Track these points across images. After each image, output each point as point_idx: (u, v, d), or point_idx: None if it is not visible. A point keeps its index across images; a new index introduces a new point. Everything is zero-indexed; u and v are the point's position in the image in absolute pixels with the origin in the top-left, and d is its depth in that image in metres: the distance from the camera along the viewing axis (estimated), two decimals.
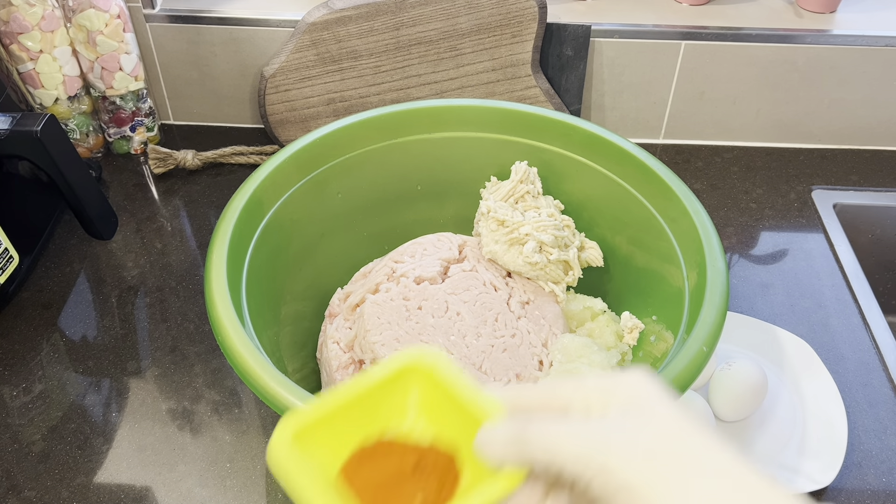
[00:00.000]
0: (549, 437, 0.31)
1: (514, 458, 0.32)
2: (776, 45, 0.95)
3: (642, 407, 0.31)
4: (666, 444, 0.30)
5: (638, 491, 0.29)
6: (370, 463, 0.37)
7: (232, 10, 0.97)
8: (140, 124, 0.99)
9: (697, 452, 0.30)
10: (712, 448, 0.30)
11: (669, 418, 0.31)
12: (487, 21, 0.92)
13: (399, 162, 0.74)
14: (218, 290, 0.56)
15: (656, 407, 0.31)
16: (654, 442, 0.30)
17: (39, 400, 0.72)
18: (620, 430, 0.31)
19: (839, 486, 0.65)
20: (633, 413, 0.31)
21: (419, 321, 0.61)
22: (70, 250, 0.87)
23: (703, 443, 0.30)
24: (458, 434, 0.37)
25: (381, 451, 0.37)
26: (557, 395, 0.34)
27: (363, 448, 0.37)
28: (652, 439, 0.30)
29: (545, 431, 0.32)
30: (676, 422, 0.31)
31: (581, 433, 0.31)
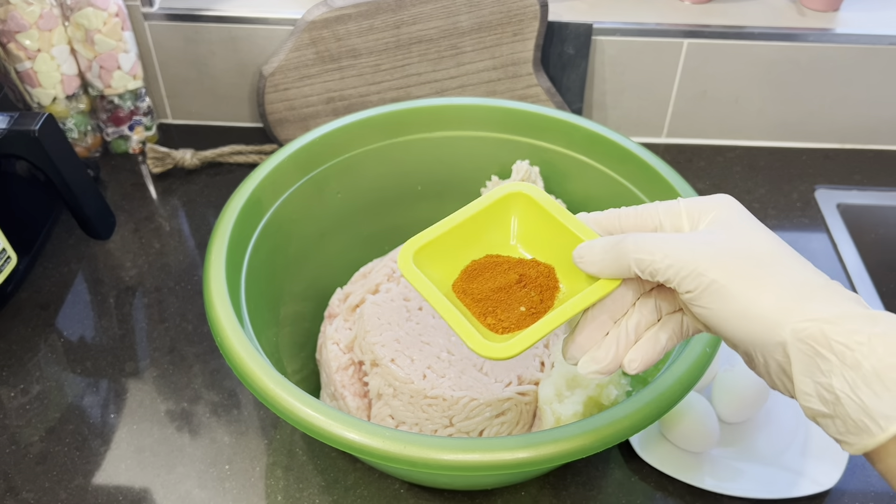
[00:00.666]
0: (645, 246, 0.36)
1: (611, 266, 0.38)
2: (779, 44, 0.94)
3: (727, 222, 0.37)
4: (746, 250, 0.35)
5: (723, 286, 0.34)
6: (479, 277, 0.42)
7: (230, 8, 0.96)
8: (138, 123, 0.99)
9: (770, 257, 0.35)
10: (782, 253, 0.36)
11: (750, 230, 0.36)
12: (488, 19, 0.91)
13: (399, 161, 0.74)
14: (217, 291, 0.55)
15: (739, 222, 0.37)
16: (737, 249, 0.35)
17: (37, 401, 0.71)
18: (709, 239, 0.36)
19: (843, 487, 0.65)
20: (719, 226, 0.37)
21: (419, 321, 0.61)
22: (68, 250, 0.87)
23: (775, 249, 0.36)
24: (555, 252, 0.42)
25: (488, 266, 0.42)
26: (647, 213, 0.39)
27: (473, 264, 0.43)
28: (735, 247, 0.35)
29: (642, 240, 0.37)
30: (755, 233, 0.36)
31: (674, 242, 0.36)
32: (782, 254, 0.36)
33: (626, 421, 0.48)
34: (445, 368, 0.58)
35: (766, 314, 0.33)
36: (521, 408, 0.59)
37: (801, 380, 0.33)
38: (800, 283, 0.34)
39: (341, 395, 0.61)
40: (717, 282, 0.34)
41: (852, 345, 0.31)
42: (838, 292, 0.34)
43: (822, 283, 0.34)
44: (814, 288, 0.34)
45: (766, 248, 0.36)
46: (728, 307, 0.34)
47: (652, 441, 0.67)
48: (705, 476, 0.64)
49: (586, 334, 0.39)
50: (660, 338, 0.39)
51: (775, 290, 0.34)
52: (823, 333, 0.32)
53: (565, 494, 0.64)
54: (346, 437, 0.47)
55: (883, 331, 0.31)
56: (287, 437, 0.68)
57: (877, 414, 0.30)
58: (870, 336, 0.31)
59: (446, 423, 0.58)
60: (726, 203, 0.38)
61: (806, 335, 0.32)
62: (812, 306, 0.33)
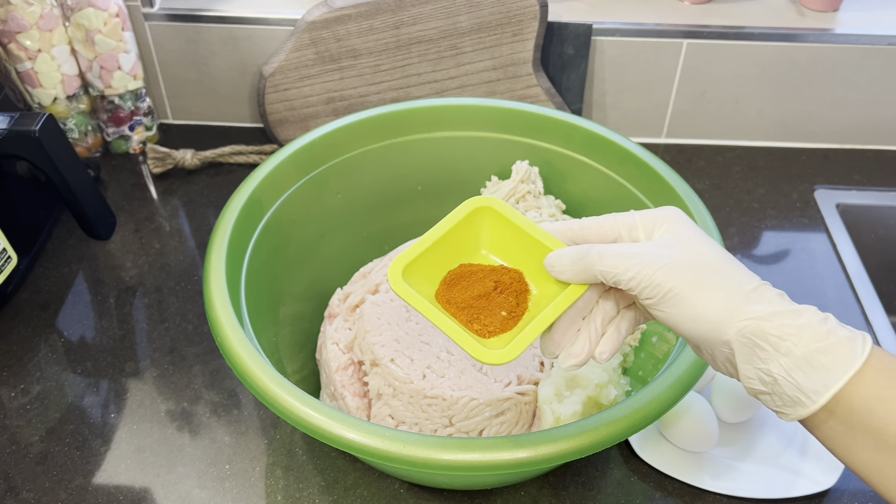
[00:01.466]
0: (607, 257, 0.41)
1: (580, 275, 0.43)
2: (778, 44, 0.94)
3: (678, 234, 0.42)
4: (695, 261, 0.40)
5: (677, 294, 0.39)
6: (458, 286, 0.46)
7: (231, 8, 0.96)
8: (139, 123, 0.99)
9: (714, 266, 0.40)
10: (724, 261, 0.41)
11: (697, 242, 0.41)
12: (488, 20, 0.91)
13: (399, 162, 0.74)
14: (217, 291, 0.55)
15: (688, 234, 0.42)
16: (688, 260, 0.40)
17: (37, 401, 0.71)
18: (663, 252, 0.41)
19: (841, 487, 0.65)
20: (671, 238, 0.42)
21: (419, 322, 0.61)
22: (68, 250, 0.87)
23: (718, 258, 0.41)
24: (522, 258, 0.46)
25: (464, 275, 0.47)
26: (609, 226, 0.44)
27: (450, 274, 0.47)
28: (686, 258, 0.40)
29: (605, 252, 0.42)
30: (701, 245, 0.41)
31: (633, 252, 0.41)
32: (724, 261, 0.41)
33: (625, 421, 0.48)
34: (445, 368, 0.58)
35: (713, 317, 0.39)
36: (521, 408, 0.59)
37: (744, 367, 0.39)
38: (738, 287, 0.40)
39: (341, 394, 0.61)
40: (672, 290, 0.40)
41: (784, 336, 0.38)
42: (769, 291, 0.40)
43: (755, 285, 0.40)
44: (749, 290, 0.40)
45: (710, 257, 0.41)
46: (682, 311, 0.40)
47: (651, 441, 0.67)
48: (704, 476, 0.64)
49: (561, 332, 0.44)
50: (621, 329, 0.44)
51: (720, 296, 0.39)
52: (761, 329, 0.38)
53: (565, 494, 0.64)
54: (346, 437, 0.47)
55: (806, 322, 0.38)
56: (287, 437, 0.68)
57: (808, 390, 0.37)
58: (797, 327, 0.38)
59: (446, 423, 0.58)
60: (675, 216, 0.43)
61: (747, 332, 0.38)
62: (750, 307, 0.39)
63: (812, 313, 0.39)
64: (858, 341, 0.37)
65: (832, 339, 0.37)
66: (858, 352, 0.37)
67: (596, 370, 0.59)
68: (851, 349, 0.37)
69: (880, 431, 0.36)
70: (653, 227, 0.43)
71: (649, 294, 0.40)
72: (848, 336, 0.38)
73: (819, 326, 0.38)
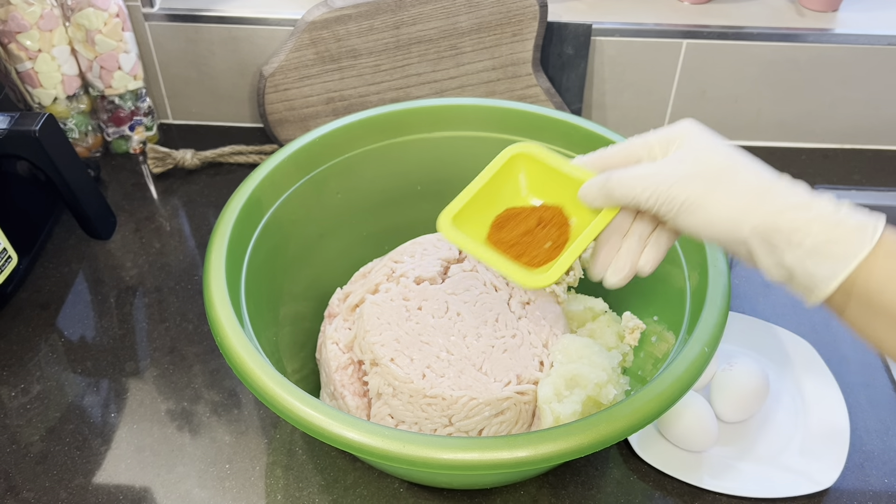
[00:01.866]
0: (625, 181, 0.45)
1: (606, 201, 0.46)
2: (778, 44, 0.94)
3: (689, 146, 0.44)
4: (706, 169, 0.43)
5: (692, 203, 0.42)
6: (505, 227, 0.51)
7: (231, 8, 0.96)
8: (139, 123, 0.99)
9: (726, 170, 0.42)
10: (735, 164, 0.43)
11: (707, 149, 0.43)
12: (488, 20, 0.91)
13: (399, 162, 0.74)
14: (217, 291, 0.55)
15: (698, 143, 0.44)
16: (699, 169, 0.43)
17: (38, 401, 0.71)
18: (675, 167, 0.43)
19: (841, 487, 0.65)
20: (684, 151, 0.44)
21: (419, 321, 0.61)
22: (68, 250, 0.87)
23: (729, 162, 0.43)
24: (560, 194, 0.50)
25: (511, 217, 0.52)
26: (629, 150, 0.46)
27: (497, 219, 0.52)
28: (697, 168, 0.43)
29: (622, 177, 0.45)
30: (712, 151, 0.43)
31: (648, 173, 0.44)
32: (735, 164, 0.43)
33: (624, 420, 0.48)
34: (445, 368, 0.58)
35: (727, 219, 0.42)
36: (521, 407, 0.59)
37: (763, 260, 0.42)
38: (750, 187, 0.42)
39: (341, 394, 0.61)
40: (686, 201, 0.42)
41: (795, 229, 0.40)
42: (783, 186, 0.42)
43: (769, 182, 0.42)
44: (762, 188, 0.42)
45: (721, 163, 0.43)
46: (699, 219, 0.42)
47: (651, 440, 0.67)
48: (704, 475, 0.64)
49: (604, 253, 0.48)
50: (660, 243, 0.47)
51: (732, 199, 0.42)
52: (773, 225, 0.41)
53: (564, 494, 0.64)
54: (346, 437, 0.47)
55: (816, 214, 0.40)
56: (287, 437, 0.68)
57: (819, 278, 0.40)
58: (807, 220, 0.40)
59: (445, 423, 0.58)
60: (688, 129, 0.45)
61: (761, 229, 0.41)
62: (762, 205, 0.41)
63: (824, 204, 0.40)
64: (869, 229, 0.39)
65: (841, 229, 0.39)
66: (867, 239, 0.38)
67: (595, 370, 0.59)
68: (860, 237, 0.39)
69: (888, 313, 0.39)
70: (668, 144, 0.45)
71: (667, 209, 0.43)
72: (858, 224, 0.39)
73: (830, 216, 0.39)
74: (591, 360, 0.60)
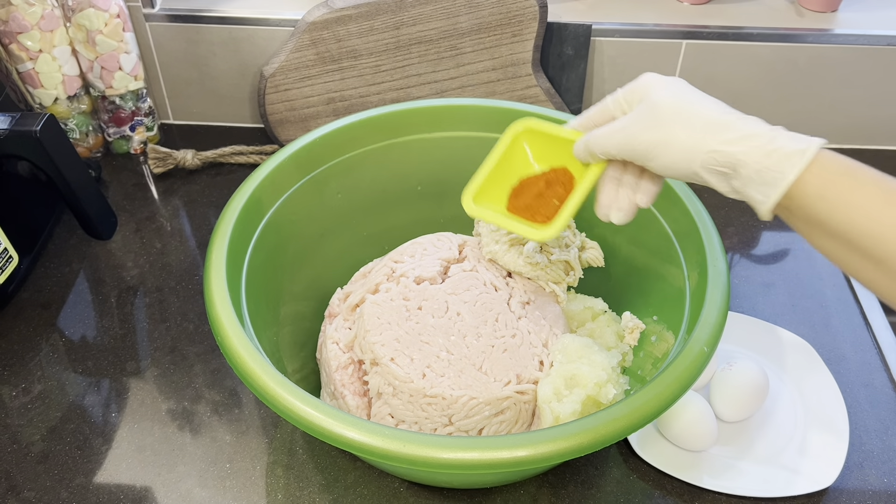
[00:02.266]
0: (599, 140, 0.51)
1: (591, 157, 0.53)
2: (777, 45, 0.94)
3: (648, 98, 0.49)
4: (659, 115, 0.48)
5: (654, 148, 0.48)
6: (521, 195, 0.59)
7: (231, 9, 0.97)
8: (139, 124, 0.99)
9: (675, 114, 0.47)
10: (683, 107, 0.47)
11: (661, 98, 0.48)
12: (488, 20, 0.92)
13: (399, 162, 0.74)
14: (217, 291, 0.56)
15: (655, 93, 0.48)
16: (653, 116, 0.48)
17: (39, 400, 0.72)
18: (635, 118, 0.49)
19: (840, 486, 0.65)
20: (644, 104, 0.49)
21: (419, 321, 0.61)
22: (69, 250, 0.87)
23: (678, 106, 0.47)
24: (562, 156, 0.57)
25: (524, 186, 0.59)
26: (606, 109, 0.52)
27: (513, 190, 0.59)
28: (651, 116, 0.48)
29: (596, 136, 0.51)
30: (664, 98, 0.48)
31: (614, 129, 0.50)
32: (688, 106, 0.47)
33: (624, 420, 0.48)
34: (445, 368, 0.59)
35: (681, 158, 0.47)
36: (520, 407, 0.59)
37: (717, 185, 0.48)
38: (699, 128, 0.46)
39: (341, 394, 0.62)
40: (647, 148, 0.48)
41: (736, 161, 0.45)
42: (729, 121, 0.46)
43: (716, 120, 0.46)
44: (710, 127, 0.46)
45: (674, 107, 0.47)
46: (661, 163, 0.48)
47: (650, 440, 0.67)
48: (703, 475, 0.65)
49: (604, 197, 0.54)
50: (650, 183, 0.52)
51: (683, 139, 0.47)
52: (717, 158, 0.46)
53: (564, 493, 0.64)
54: (346, 436, 0.47)
55: (753, 146, 0.45)
56: (287, 436, 0.68)
57: (758, 201, 0.46)
58: (745, 152, 0.45)
59: (445, 422, 0.58)
60: (647, 82, 0.49)
61: (707, 163, 0.46)
62: (707, 142, 0.46)
63: (763, 133, 0.45)
64: (799, 154, 0.44)
65: (775, 157, 0.44)
66: (797, 163, 0.44)
67: (595, 370, 0.59)
68: (791, 162, 0.44)
69: (825, 224, 0.44)
70: (632, 98, 0.50)
71: (634, 157, 0.49)
72: (792, 151, 0.44)
73: (765, 146, 0.44)
74: (590, 360, 0.60)
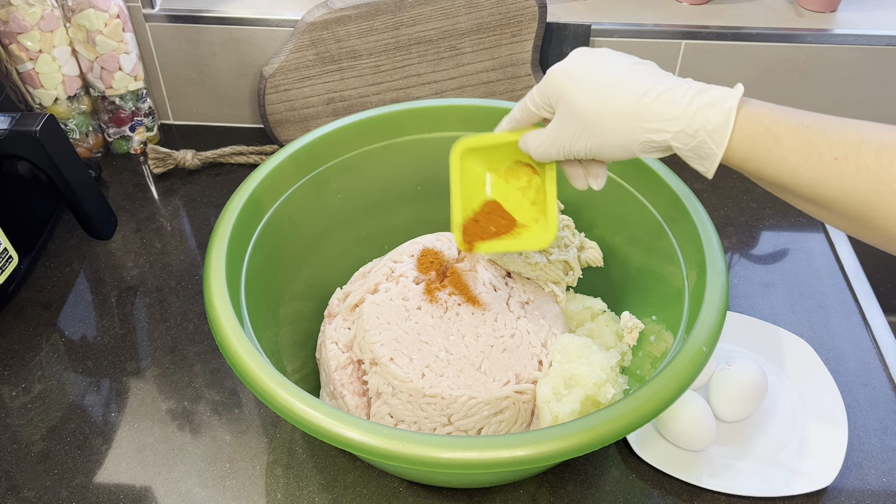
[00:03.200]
0: (537, 149, 0.55)
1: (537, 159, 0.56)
2: (777, 45, 0.94)
3: (564, 103, 0.51)
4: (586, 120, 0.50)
5: (592, 148, 0.51)
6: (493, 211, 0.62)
7: (231, 9, 0.97)
8: (139, 124, 0.99)
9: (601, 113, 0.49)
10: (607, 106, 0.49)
11: (581, 101, 0.49)
12: (487, 20, 0.92)
13: (399, 162, 0.74)
14: (217, 291, 0.56)
15: (571, 97, 0.50)
16: (582, 123, 0.50)
17: (39, 400, 0.72)
18: (564, 124, 0.51)
19: (839, 486, 0.65)
20: (562, 108, 0.51)
21: (418, 321, 0.61)
22: (69, 250, 0.87)
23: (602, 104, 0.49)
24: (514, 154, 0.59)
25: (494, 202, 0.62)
26: (527, 109, 0.55)
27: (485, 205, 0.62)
28: (580, 121, 0.50)
29: (533, 145, 0.55)
30: (584, 100, 0.49)
31: (548, 140, 0.53)
32: (602, 105, 0.48)
33: (623, 419, 0.48)
34: (444, 367, 0.59)
35: (620, 150, 0.50)
36: (519, 406, 0.59)
37: (662, 159, 0.54)
38: (625, 118, 0.48)
39: (340, 393, 0.62)
40: (588, 150, 0.51)
41: (668, 143, 0.48)
42: (647, 103, 0.47)
43: (635, 105, 0.48)
44: (634, 115, 0.48)
45: (591, 110, 0.49)
46: (606, 156, 0.51)
47: (649, 439, 0.67)
48: (702, 474, 0.65)
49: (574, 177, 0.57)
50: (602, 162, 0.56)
51: (615, 135, 0.49)
52: (654, 144, 0.48)
53: (563, 492, 0.64)
54: (345, 436, 0.47)
55: (680, 127, 0.47)
56: (287, 436, 0.69)
57: (701, 168, 0.48)
58: (673, 134, 0.47)
59: (445, 422, 0.58)
60: (555, 84, 0.51)
61: (646, 149, 0.49)
62: (637, 133, 0.48)
63: (680, 116, 0.47)
64: (721, 130, 0.46)
65: (701, 136, 0.46)
66: (722, 137, 0.46)
67: (594, 369, 0.59)
68: (718, 137, 0.46)
69: (762, 179, 0.47)
70: (548, 99, 0.52)
71: (579, 157, 0.53)
72: (713, 127, 0.46)
73: (689, 126, 0.46)
74: (589, 360, 0.60)
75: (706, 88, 0.47)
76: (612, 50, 0.52)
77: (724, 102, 0.46)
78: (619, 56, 0.51)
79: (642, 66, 0.50)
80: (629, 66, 0.49)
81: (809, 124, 0.45)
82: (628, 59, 0.50)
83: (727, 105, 0.46)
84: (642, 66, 0.50)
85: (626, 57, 0.51)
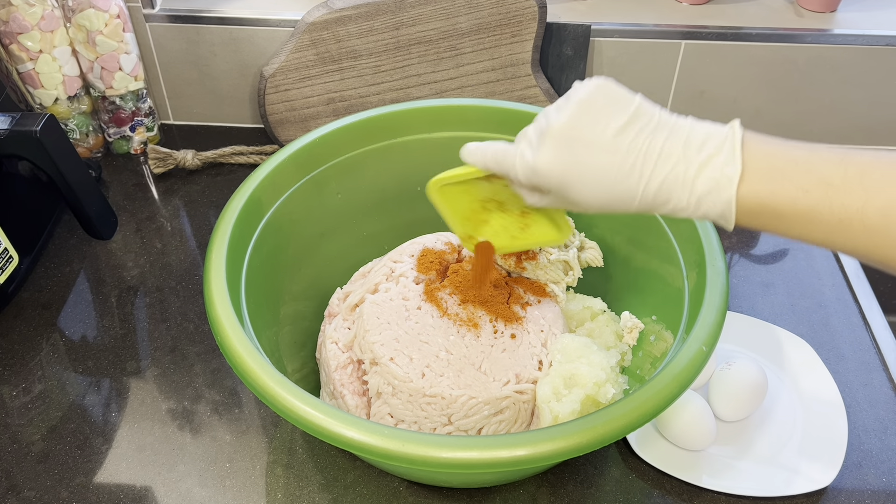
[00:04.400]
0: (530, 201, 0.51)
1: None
2: (776, 45, 0.95)
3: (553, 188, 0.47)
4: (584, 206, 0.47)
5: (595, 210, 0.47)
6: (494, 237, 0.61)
7: (231, 9, 0.97)
8: (140, 124, 0.99)
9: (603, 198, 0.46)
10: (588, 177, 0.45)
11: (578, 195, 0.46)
12: (487, 20, 0.92)
13: (399, 162, 0.74)
14: (217, 291, 0.56)
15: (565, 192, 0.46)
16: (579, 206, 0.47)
17: (39, 400, 0.72)
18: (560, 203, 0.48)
19: (839, 486, 0.65)
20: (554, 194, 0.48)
21: (418, 321, 0.61)
22: (70, 250, 0.87)
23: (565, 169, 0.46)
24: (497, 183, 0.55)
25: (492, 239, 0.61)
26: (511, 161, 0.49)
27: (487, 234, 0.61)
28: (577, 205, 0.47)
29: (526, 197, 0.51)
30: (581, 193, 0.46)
31: (543, 200, 0.49)
32: (596, 195, 0.46)
33: (623, 419, 0.48)
34: (444, 367, 0.59)
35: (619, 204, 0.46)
36: (520, 406, 0.59)
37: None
38: (634, 207, 0.45)
39: (340, 393, 0.62)
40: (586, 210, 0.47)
41: (674, 213, 0.45)
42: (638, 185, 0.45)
43: (624, 191, 0.45)
44: (624, 196, 0.45)
45: (593, 204, 0.46)
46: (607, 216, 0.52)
47: (649, 439, 0.67)
48: (702, 474, 0.65)
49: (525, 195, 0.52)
50: None
51: (614, 208, 0.46)
52: (653, 206, 0.45)
53: (563, 492, 0.64)
54: (345, 435, 0.47)
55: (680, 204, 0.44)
56: (287, 436, 0.69)
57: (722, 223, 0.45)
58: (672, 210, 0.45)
59: (445, 422, 0.58)
60: (546, 181, 0.47)
61: (644, 208, 0.45)
62: (635, 205, 0.45)
63: (675, 197, 0.44)
64: (725, 216, 0.44)
65: (703, 209, 0.44)
66: (730, 216, 0.44)
67: (594, 369, 0.59)
68: (725, 213, 0.44)
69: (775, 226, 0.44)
70: (540, 188, 0.48)
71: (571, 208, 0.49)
72: (717, 215, 0.44)
73: (689, 198, 0.44)
74: (589, 360, 0.60)
75: (700, 165, 0.44)
76: (583, 105, 0.46)
77: (720, 193, 0.43)
78: (598, 121, 0.45)
79: (628, 133, 0.45)
80: (614, 141, 0.45)
81: (810, 189, 0.43)
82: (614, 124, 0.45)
83: (724, 196, 0.44)
84: (627, 131, 0.45)
85: (606, 118, 0.45)
